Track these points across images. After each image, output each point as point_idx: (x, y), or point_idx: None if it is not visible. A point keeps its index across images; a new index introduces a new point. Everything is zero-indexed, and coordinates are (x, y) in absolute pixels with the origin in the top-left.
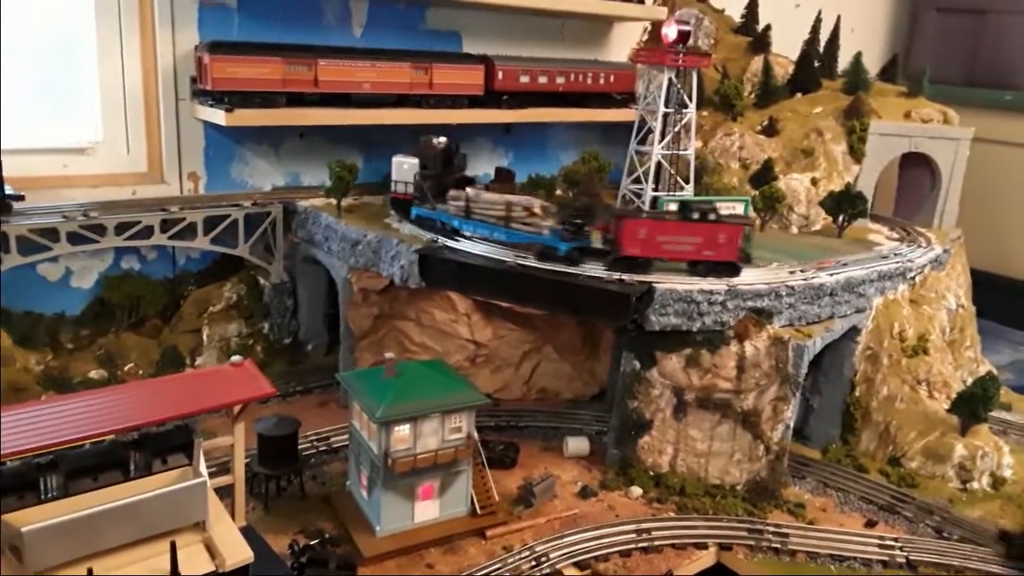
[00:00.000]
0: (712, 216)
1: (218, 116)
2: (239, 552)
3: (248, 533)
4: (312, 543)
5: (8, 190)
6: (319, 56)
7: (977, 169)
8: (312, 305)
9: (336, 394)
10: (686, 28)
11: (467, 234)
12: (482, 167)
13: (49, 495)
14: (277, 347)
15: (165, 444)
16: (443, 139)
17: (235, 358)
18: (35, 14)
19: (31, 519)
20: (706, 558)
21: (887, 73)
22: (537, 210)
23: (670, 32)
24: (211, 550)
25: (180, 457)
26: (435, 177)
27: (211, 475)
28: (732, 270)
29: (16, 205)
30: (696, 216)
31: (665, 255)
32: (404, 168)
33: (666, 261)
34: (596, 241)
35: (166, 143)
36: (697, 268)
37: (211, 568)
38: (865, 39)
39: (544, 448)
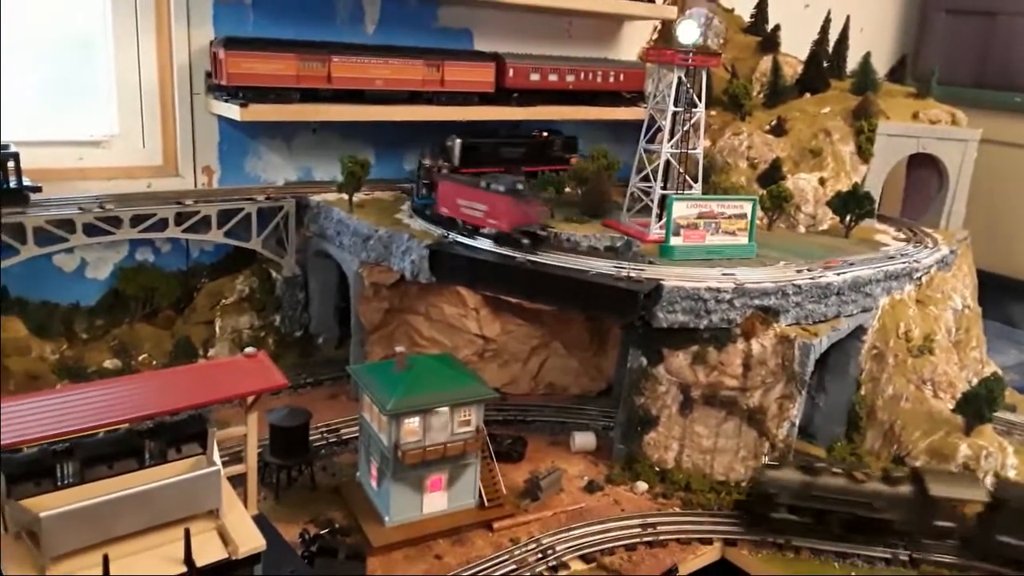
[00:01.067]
0: (502, 188)
1: (233, 111)
2: (252, 540)
3: (260, 522)
4: (322, 532)
5: (26, 181)
6: (333, 53)
7: (986, 171)
8: (323, 299)
9: (346, 387)
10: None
11: None
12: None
13: (65, 482)
14: (288, 340)
15: (179, 433)
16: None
17: (249, 349)
18: (53, 9)
19: (48, 505)
20: (710, 553)
21: (896, 74)
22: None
23: (688, 32)
24: (224, 537)
25: (194, 446)
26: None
27: (223, 465)
28: (536, 241)
29: (33, 196)
30: (487, 186)
31: (463, 218)
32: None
33: (464, 224)
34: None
35: (181, 137)
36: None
37: (224, 555)
38: (874, 40)
39: (551, 442)
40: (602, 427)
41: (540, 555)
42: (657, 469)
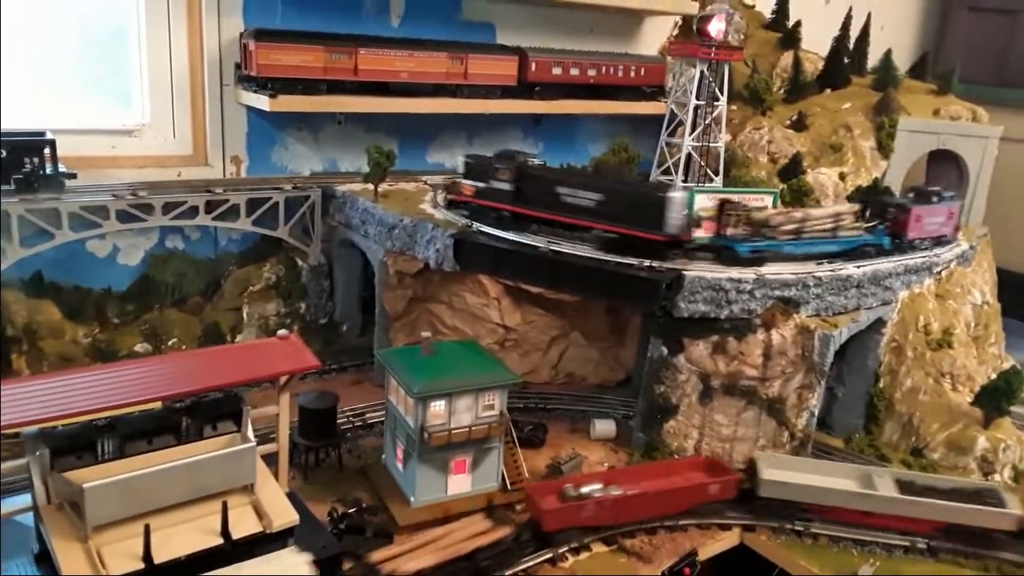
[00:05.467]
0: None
1: (262, 101)
2: (285, 514)
3: (291, 499)
4: (350, 511)
5: (61, 168)
6: (359, 45)
7: (1007, 169)
8: (348, 287)
9: (370, 373)
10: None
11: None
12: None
13: (106, 456)
14: (313, 327)
15: (215, 411)
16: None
17: (281, 332)
18: (87, 1)
19: (89, 478)
20: (730, 539)
21: (917, 71)
22: (845, 211)
23: (712, 26)
24: (259, 512)
25: (229, 424)
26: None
27: (256, 445)
28: None
29: (68, 183)
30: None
31: (925, 235)
32: (678, 203)
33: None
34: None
35: (210, 127)
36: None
37: (259, 529)
38: (895, 37)
39: (571, 430)
40: (622, 416)
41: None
42: (676, 457)
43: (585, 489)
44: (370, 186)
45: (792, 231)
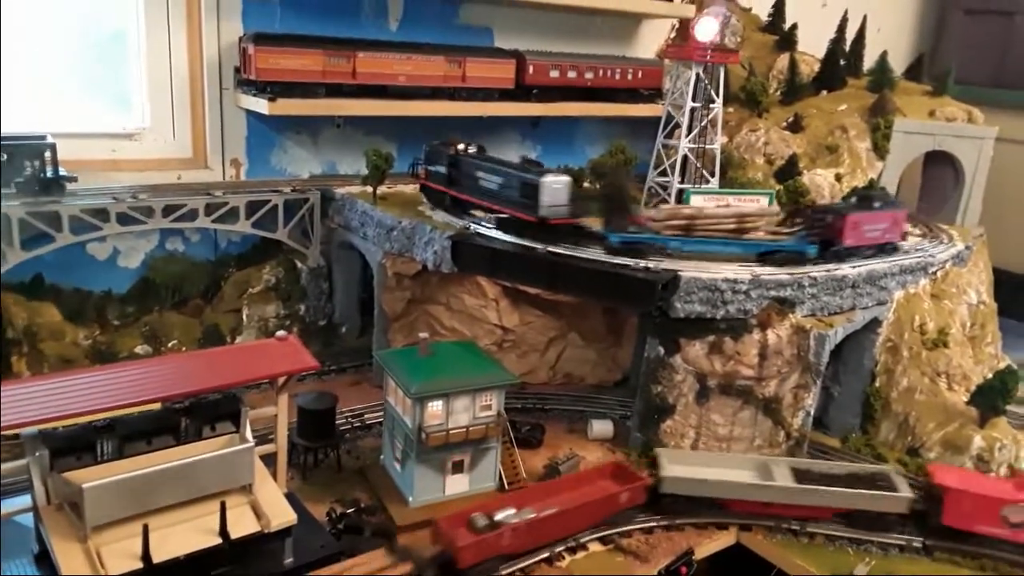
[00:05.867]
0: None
1: (261, 105)
2: (283, 514)
3: (290, 499)
4: (349, 511)
5: (62, 172)
6: (358, 49)
7: (1003, 170)
8: (347, 289)
9: (368, 374)
10: (720, 20)
11: (684, 253)
12: (511, 159)
13: (105, 457)
14: (312, 328)
15: (214, 412)
16: (466, 146)
17: (280, 333)
18: (87, 4)
19: (89, 478)
20: (726, 538)
21: (913, 72)
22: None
23: (706, 29)
24: (257, 511)
25: (228, 424)
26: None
27: (255, 446)
28: None
29: (69, 186)
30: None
31: (865, 242)
32: (556, 189)
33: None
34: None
35: (210, 130)
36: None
37: (257, 528)
38: (892, 39)
39: (569, 430)
40: (619, 416)
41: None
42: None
43: (498, 516)
44: (369, 188)
45: (680, 227)
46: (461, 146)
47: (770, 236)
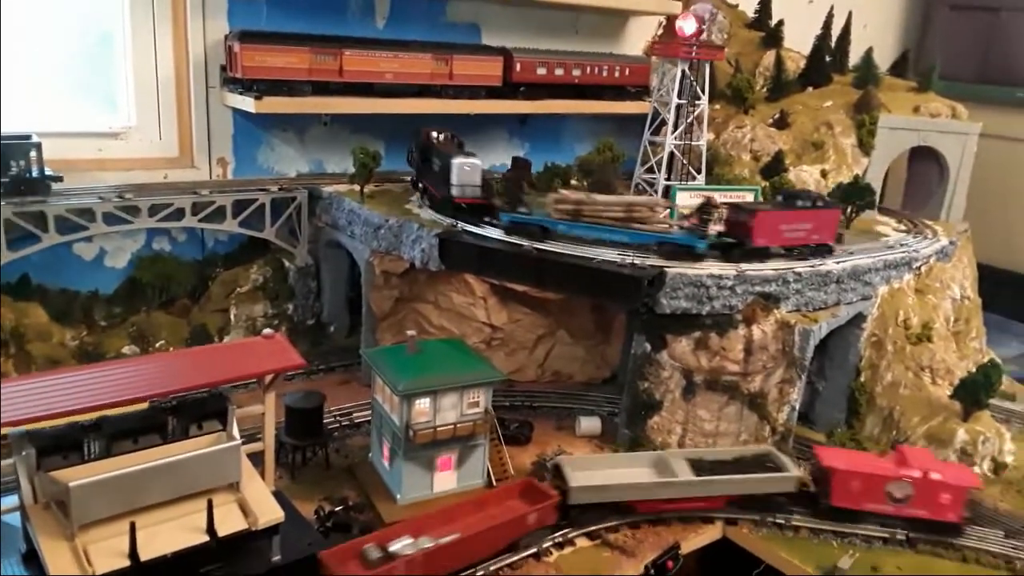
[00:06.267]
0: (816, 203)
1: (247, 103)
2: (271, 512)
3: (277, 497)
4: (337, 509)
5: (47, 171)
6: (344, 46)
7: (988, 165)
8: (335, 288)
9: (357, 373)
10: (702, 17)
11: (571, 236)
12: (498, 157)
13: (92, 456)
14: (301, 328)
15: (201, 410)
16: (442, 134)
17: (266, 331)
18: (71, 3)
19: (75, 477)
20: (712, 532)
21: (898, 68)
22: (659, 207)
23: (686, 25)
24: (244, 509)
25: (215, 423)
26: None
27: (243, 444)
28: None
29: (54, 186)
30: (812, 204)
31: (784, 243)
32: (466, 170)
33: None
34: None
35: (196, 129)
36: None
37: (244, 526)
38: (877, 35)
39: (557, 427)
40: (607, 413)
41: (547, 532)
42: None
43: (393, 547)
44: (356, 187)
45: (569, 212)
46: (434, 134)
47: (660, 227)
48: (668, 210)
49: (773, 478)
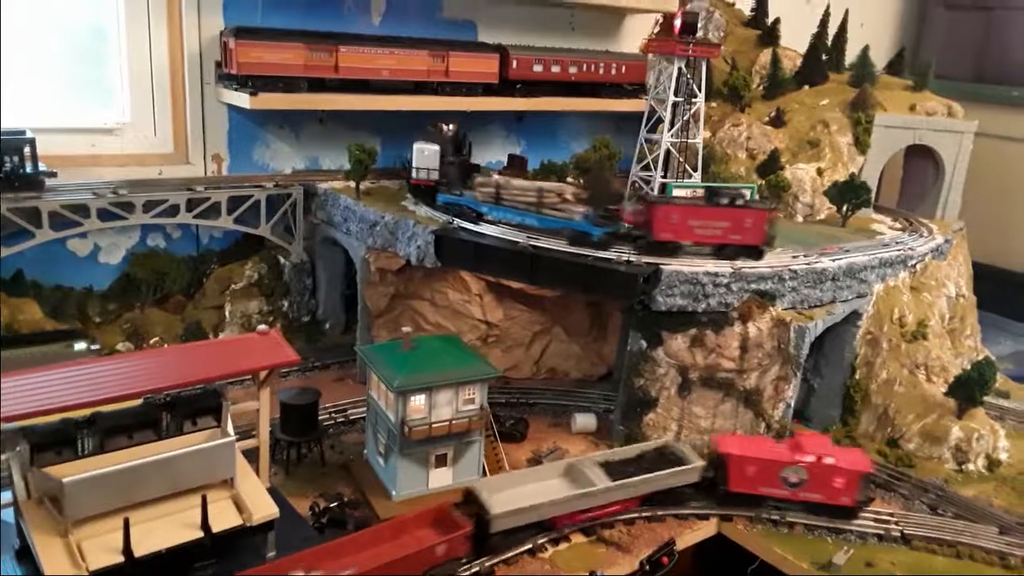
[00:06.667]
0: (736, 202)
1: (243, 99)
2: (265, 508)
3: (272, 494)
4: (332, 505)
5: (41, 167)
6: (340, 43)
7: (983, 164)
8: (330, 285)
9: (352, 370)
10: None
11: (492, 219)
12: (495, 154)
13: (86, 452)
14: (296, 325)
15: (195, 406)
16: (452, 125)
17: (261, 327)
18: (67, 0)
19: (70, 473)
20: (707, 528)
21: (894, 67)
22: (569, 196)
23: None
24: (239, 505)
25: (209, 419)
26: (459, 163)
27: (237, 440)
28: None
29: (48, 182)
30: (731, 202)
31: (695, 239)
32: (425, 155)
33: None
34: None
35: (191, 125)
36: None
37: (239, 522)
38: (874, 34)
39: (553, 424)
40: (603, 409)
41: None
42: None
43: None
44: (352, 184)
45: (491, 195)
46: (443, 126)
47: (563, 214)
48: (576, 197)
49: (682, 471)
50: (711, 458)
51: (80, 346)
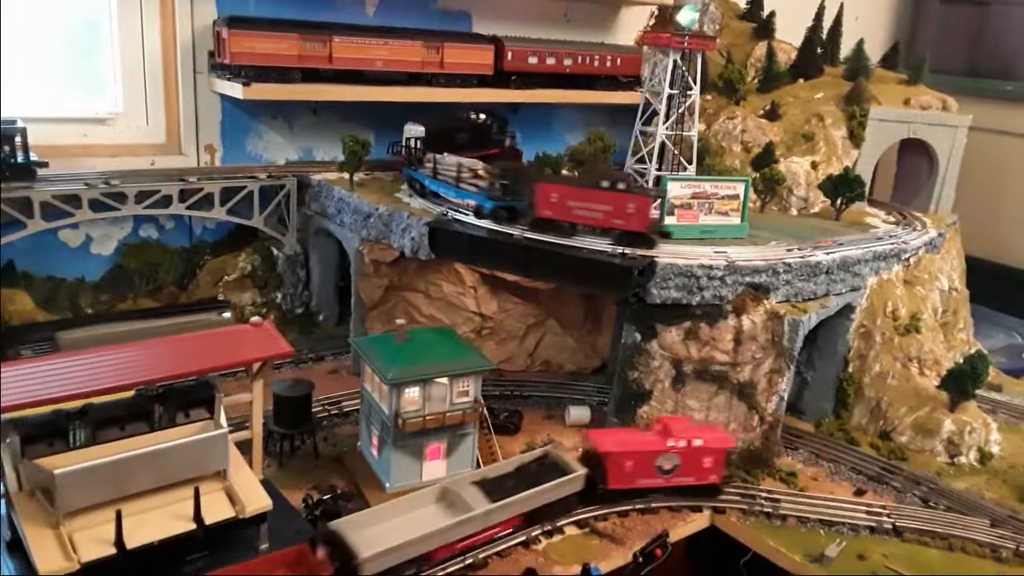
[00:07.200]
0: (620, 186)
1: (235, 90)
2: (258, 500)
3: (265, 486)
4: (325, 497)
5: (32, 157)
6: (334, 33)
7: (977, 158)
8: (324, 277)
9: (346, 362)
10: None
11: (429, 190)
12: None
13: (77, 443)
14: (289, 317)
15: (188, 398)
16: (482, 115)
17: (254, 318)
18: None
19: (61, 464)
20: (700, 521)
21: (888, 61)
22: (480, 172)
23: (685, 15)
24: (232, 497)
25: (202, 411)
26: (434, 142)
27: (230, 432)
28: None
29: (40, 172)
30: (611, 185)
31: (576, 220)
32: (411, 133)
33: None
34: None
35: (184, 115)
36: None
37: (232, 514)
38: (869, 27)
39: (546, 416)
40: (597, 402)
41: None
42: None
43: None
44: (346, 175)
45: (430, 171)
46: (473, 115)
47: (472, 188)
48: (487, 173)
49: (565, 481)
50: (585, 457)
51: (227, 315)
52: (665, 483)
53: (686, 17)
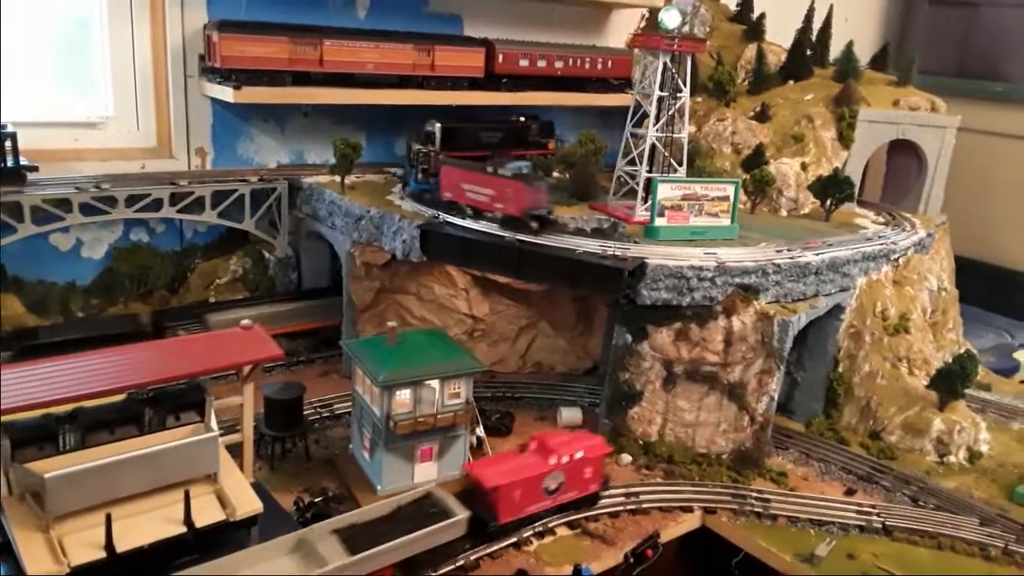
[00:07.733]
0: (508, 173)
1: (226, 93)
2: (249, 503)
3: (256, 489)
4: (316, 500)
5: (23, 161)
6: (325, 36)
7: (966, 159)
8: (315, 279)
9: (337, 365)
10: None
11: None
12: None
13: (68, 447)
14: None
15: (178, 401)
16: (523, 118)
17: (244, 322)
18: None
19: (51, 468)
20: (691, 521)
21: (878, 62)
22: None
23: (672, 18)
24: (223, 500)
25: (192, 414)
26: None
27: (221, 436)
28: (544, 224)
29: (30, 176)
30: (494, 171)
31: (468, 202)
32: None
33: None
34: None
35: (175, 119)
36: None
37: (222, 517)
38: (859, 29)
39: (538, 418)
40: (588, 403)
41: (527, 522)
42: (641, 442)
43: None
44: (337, 178)
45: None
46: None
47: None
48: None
49: (441, 528)
50: (467, 494)
51: None
52: (552, 503)
53: (671, 19)
